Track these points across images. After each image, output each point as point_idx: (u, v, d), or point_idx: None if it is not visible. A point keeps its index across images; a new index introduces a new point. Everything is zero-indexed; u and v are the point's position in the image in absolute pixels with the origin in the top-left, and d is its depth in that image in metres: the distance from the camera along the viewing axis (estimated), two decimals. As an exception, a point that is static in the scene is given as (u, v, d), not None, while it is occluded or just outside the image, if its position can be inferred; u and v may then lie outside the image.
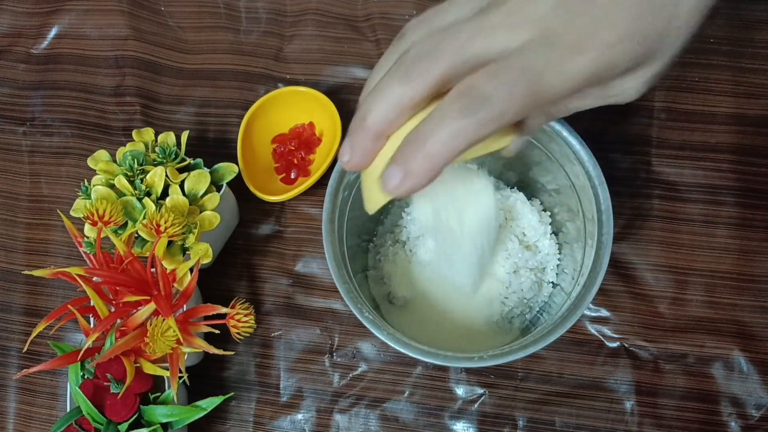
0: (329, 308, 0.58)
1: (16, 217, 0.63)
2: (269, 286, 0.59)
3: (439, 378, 0.55)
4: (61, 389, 0.59)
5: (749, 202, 0.56)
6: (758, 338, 0.54)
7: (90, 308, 0.48)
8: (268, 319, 0.58)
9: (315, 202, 0.60)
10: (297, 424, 0.56)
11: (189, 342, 0.48)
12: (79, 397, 0.49)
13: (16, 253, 0.63)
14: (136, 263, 0.48)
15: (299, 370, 0.57)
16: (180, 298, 0.49)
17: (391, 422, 0.55)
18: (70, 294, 0.60)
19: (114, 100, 0.64)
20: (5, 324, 0.61)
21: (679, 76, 0.58)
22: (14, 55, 0.67)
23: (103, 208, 0.47)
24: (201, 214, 0.51)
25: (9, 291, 0.62)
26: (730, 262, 0.55)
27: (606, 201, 0.45)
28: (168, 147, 0.53)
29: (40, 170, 0.64)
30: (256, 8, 0.65)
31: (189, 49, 0.65)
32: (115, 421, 0.48)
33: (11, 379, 0.60)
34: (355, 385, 0.56)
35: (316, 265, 0.59)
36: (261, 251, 0.60)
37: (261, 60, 0.64)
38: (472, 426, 0.54)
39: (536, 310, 0.54)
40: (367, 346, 0.57)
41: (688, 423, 0.53)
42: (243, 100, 0.63)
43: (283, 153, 0.60)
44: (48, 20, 0.67)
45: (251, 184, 0.57)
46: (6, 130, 0.65)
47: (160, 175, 0.51)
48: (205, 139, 0.62)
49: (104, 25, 0.66)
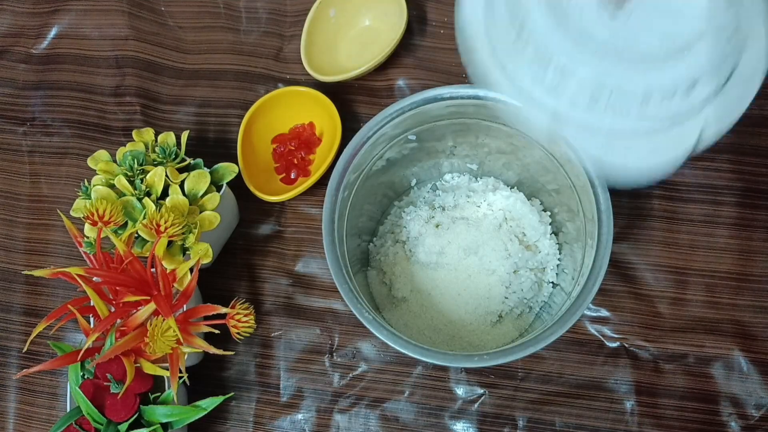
0: (329, 308, 0.58)
1: (16, 217, 0.63)
2: (269, 286, 0.59)
3: (439, 378, 0.55)
4: (61, 389, 0.59)
5: (749, 202, 0.56)
6: (758, 338, 0.54)
7: (90, 308, 0.48)
8: (268, 319, 0.58)
9: (315, 202, 0.60)
10: (297, 424, 0.56)
11: (189, 342, 0.48)
12: (79, 397, 0.49)
13: (16, 253, 0.63)
14: (136, 263, 0.48)
15: (299, 370, 0.57)
16: (180, 298, 0.49)
17: (391, 422, 0.55)
18: (70, 294, 0.60)
19: (114, 100, 0.64)
20: (5, 324, 0.61)
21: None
22: (14, 55, 0.67)
23: (103, 208, 0.47)
24: (201, 215, 0.51)
25: (9, 291, 0.62)
26: (730, 262, 0.55)
27: (606, 201, 0.45)
28: (168, 147, 0.53)
29: (40, 170, 0.64)
30: (256, 8, 0.65)
31: (189, 49, 0.65)
32: (115, 421, 0.48)
33: (11, 379, 0.60)
34: (355, 385, 0.56)
35: (316, 265, 0.59)
36: (261, 251, 0.60)
37: (261, 60, 0.64)
38: (472, 426, 0.54)
39: (536, 310, 0.54)
40: (367, 346, 0.57)
41: (688, 423, 0.53)
42: (243, 100, 0.63)
43: (283, 153, 0.60)
44: (48, 20, 0.67)
45: (251, 184, 0.57)
46: (6, 130, 0.65)
47: (160, 175, 0.51)
48: (205, 139, 0.62)
49: (104, 25, 0.66)
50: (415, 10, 0.62)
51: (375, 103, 0.61)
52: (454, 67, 0.61)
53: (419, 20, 0.63)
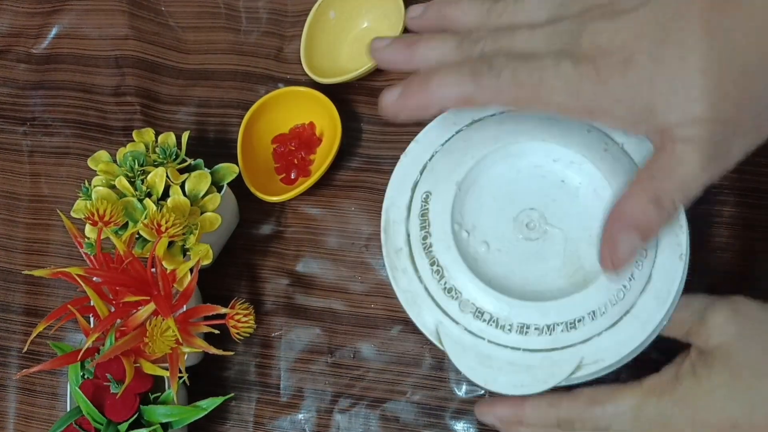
0: (329, 308, 0.58)
1: (16, 217, 0.63)
2: (269, 286, 0.59)
3: (440, 378, 0.55)
4: (61, 389, 0.59)
5: (749, 202, 0.56)
6: (758, 338, 0.54)
7: (90, 308, 0.48)
8: (268, 319, 0.58)
9: (315, 202, 0.60)
10: (297, 424, 0.56)
11: (189, 342, 0.48)
12: (79, 397, 0.49)
13: (16, 253, 0.63)
14: (136, 263, 0.48)
15: (299, 370, 0.57)
16: (180, 299, 0.49)
17: (392, 422, 0.55)
18: (70, 294, 0.60)
19: (114, 100, 0.64)
20: (5, 324, 0.61)
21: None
22: (14, 55, 0.67)
23: (104, 208, 0.47)
24: (202, 216, 0.51)
25: (9, 291, 0.62)
26: (731, 262, 0.55)
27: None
28: (168, 147, 0.53)
29: (40, 170, 0.64)
30: (257, 8, 0.65)
31: (189, 49, 0.65)
32: (115, 421, 0.49)
33: (11, 379, 0.60)
34: (355, 385, 0.56)
35: (316, 265, 0.59)
36: (261, 251, 0.60)
37: (261, 60, 0.64)
38: (472, 426, 0.54)
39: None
40: (367, 346, 0.57)
41: (688, 423, 0.53)
42: (243, 100, 0.63)
43: (283, 153, 0.60)
44: (48, 20, 0.67)
45: (251, 185, 0.57)
46: (6, 130, 0.65)
47: (161, 176, 0.51)
48: (205, 139, 0.62)
49: (104, 25, 0.66)
50: (415, 10, 0.62)
51: (375, 103, 0.61)
52: (454, 67, 0.61)
53: (419, 20, 0.63)
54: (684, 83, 0.29)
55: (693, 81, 0.29)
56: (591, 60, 0.30)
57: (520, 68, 0.31)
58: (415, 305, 0.38)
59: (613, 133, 0.39)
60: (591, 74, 0.30)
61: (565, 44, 0.31)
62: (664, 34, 0.29)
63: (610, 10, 0.30)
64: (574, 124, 0.38)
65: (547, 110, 0.32)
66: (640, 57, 0.29)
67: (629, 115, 0.31)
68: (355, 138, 0.60)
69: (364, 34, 0.63)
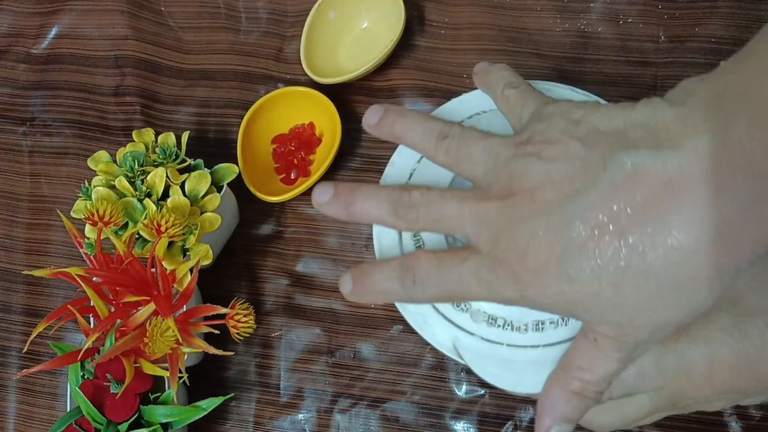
0: (329, 308, 0.58)
1: (16, 217, 0.63)
2: (269, 286, 0.59)
3: (440, 378, 0.55)
4: (61, 389, 0.59)
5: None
6: (758, 338, 0.54)
7: (90, 308, 0.48)
8: (268, 319, 0.58)
9: (315, 202, 0.59)
10: (297, 424, 0.56)
11: (189, 342, 0.48)
12: (79, 397, 0.49)
13: (16, 253, 0.63)
14: (136, 264, 0.48)
15: (299, 370, 0.57)
16: (180, 299, 0.49)
17: (392, 422, 0.55)
18: (70, 294, 0.60)
19: (114, 100, 0.64)
20: (5, 324, 0.61)
21: (681, 76, 0.58)
22: (14, 55, 0.67)
23: (104, 208, 0.47)
24: (202, 216, 0.51)
25: (9, 291, 0.62)
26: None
27: None
28: (168, 148, 0.53)
29: (40, 170, 0.64)
30: (256, 8, 0.65)
31: (189, 49, 0.65)
32: (115, 421, 0.49)
33: (11, 379, 0.60)
34: (355, 385, 0.56)
35: (316, 265, 0.59)
36: (261, 251, 0.60)
37: (261, 60, 0.64)
38: (472, 426, 0.54)
39: None
40: (367, 346, 0.57)
41: (689, 423, 0.53)
42: (243, 100, 0.63)
43: (283, 153, 0.60)
44: (48, 20, 0.67)
45: (251, 185, 0.57)
46: (6, 130, 0.65)
47: (161, 176, 0.51)
48: (205, 139, 0.62)
49: (104, 25, 0.66)
50: (415, 10, 0.62)
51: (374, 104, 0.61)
52: (455, 67, 0.61)
53: (419, 20, 0.63)
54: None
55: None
56: (507, 265, 0.30)
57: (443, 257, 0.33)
58: (427, 325, 0.37)
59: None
60: (509, 280, 0.30)
61: (487, 238, 0.31)
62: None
63: (534, 208, 0.30)
64: None
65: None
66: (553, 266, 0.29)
67: (552, 310, 0.32)
68: (355, 138, 0.60)
69: (363, 34, 0.63)
